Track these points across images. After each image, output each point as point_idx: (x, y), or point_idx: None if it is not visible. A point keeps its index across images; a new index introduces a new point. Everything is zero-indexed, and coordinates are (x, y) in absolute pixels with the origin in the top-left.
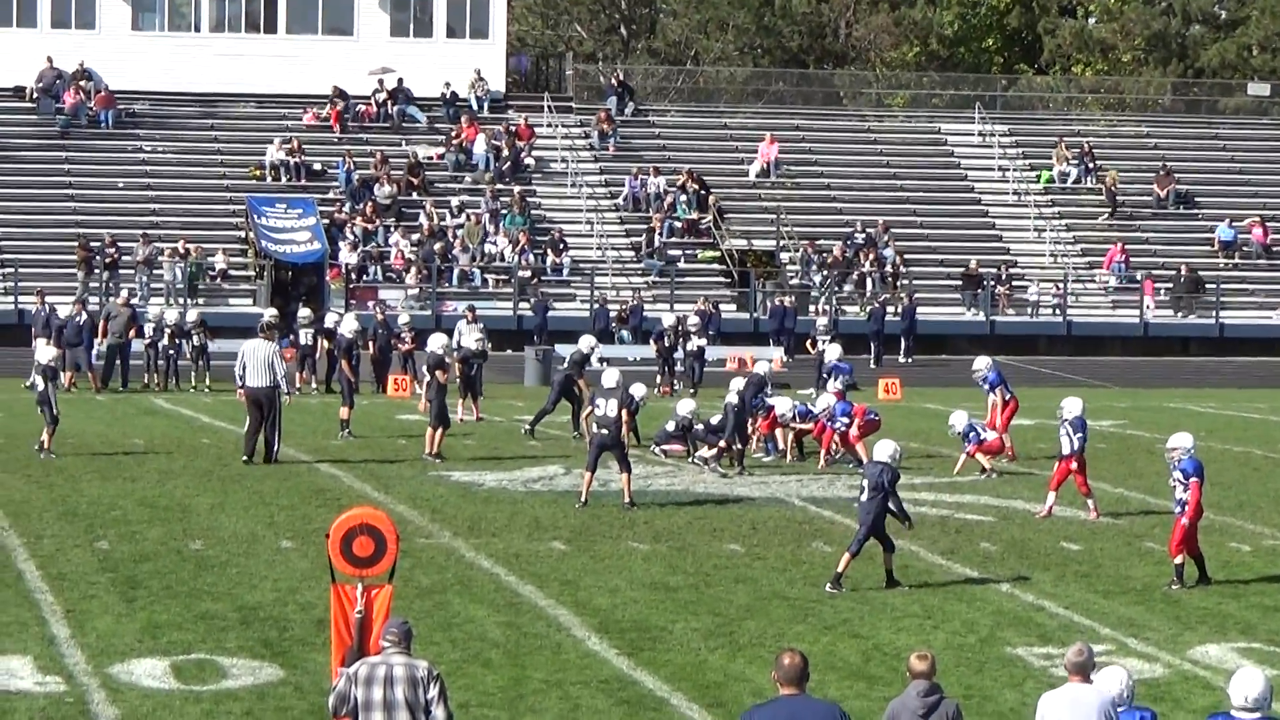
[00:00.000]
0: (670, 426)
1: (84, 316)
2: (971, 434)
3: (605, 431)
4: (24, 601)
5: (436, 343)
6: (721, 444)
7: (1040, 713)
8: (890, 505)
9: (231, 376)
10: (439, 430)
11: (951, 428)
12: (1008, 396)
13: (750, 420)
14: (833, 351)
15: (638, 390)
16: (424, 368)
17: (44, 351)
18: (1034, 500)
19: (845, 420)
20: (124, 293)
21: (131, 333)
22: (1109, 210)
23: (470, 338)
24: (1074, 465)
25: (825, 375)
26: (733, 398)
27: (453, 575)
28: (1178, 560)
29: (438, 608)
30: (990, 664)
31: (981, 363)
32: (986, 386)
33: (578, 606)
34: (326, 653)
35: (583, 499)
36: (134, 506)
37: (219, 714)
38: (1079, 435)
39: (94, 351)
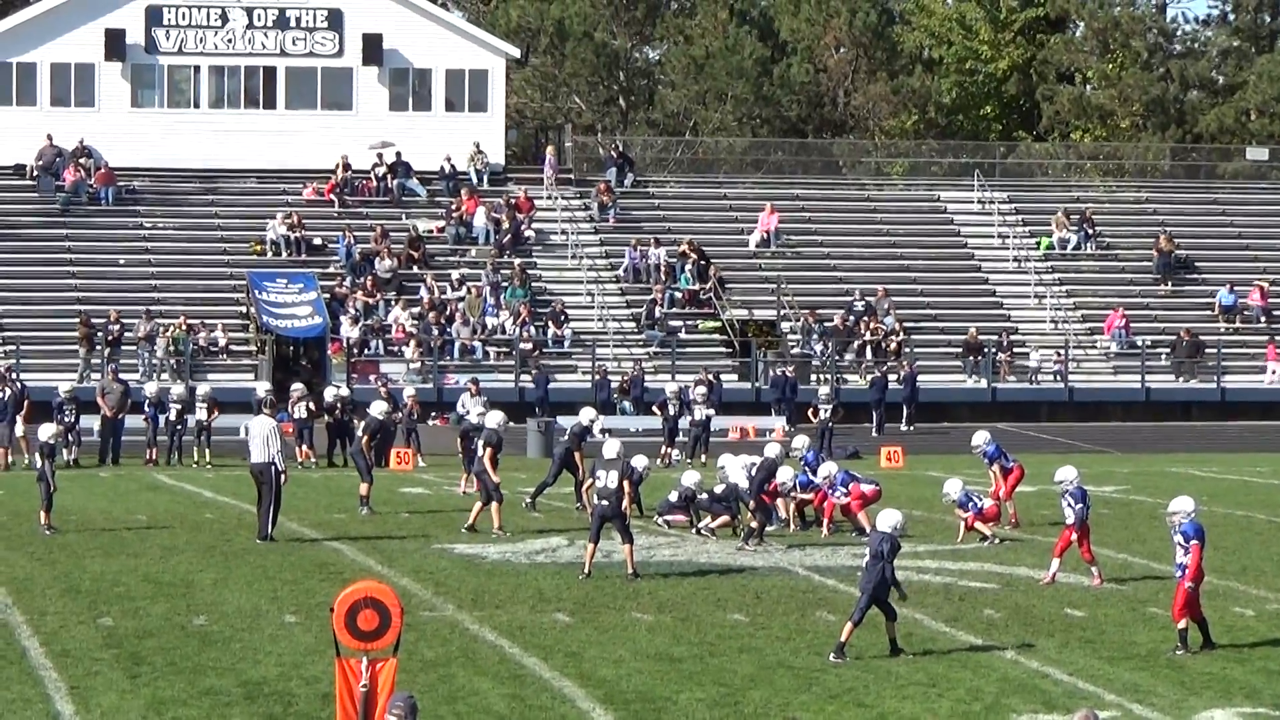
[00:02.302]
0: (673, 497)
1: (8, 393)
2: (968, 503)
3: (606, 502)
4: (28, 678)
5: (493, 420)
6: (725, 518)
7: None
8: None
9: (231, 451)
10: (495, 504)
11: (946, 495)
12: (1009, 466)
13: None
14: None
15: (640, 461)
16: (479, 444)
17: (43, 429)
18: (1037, 567)
19: (843, 491)
20: (110, 368)
21: (124, 410)
22: (1162, 276)
23: (475, 411)
24: (1073, 535)
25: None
26: (737, 479)
27: (457, 648)
28: (1181, 625)
29: (442, 681)
30: None
31: (980, 437)
32: (987, 460)
33: (582, 678)
34: None
35: (586, 570)
36: (137, 582)
37: None
38: (1080, 505)
39: (16, 428)
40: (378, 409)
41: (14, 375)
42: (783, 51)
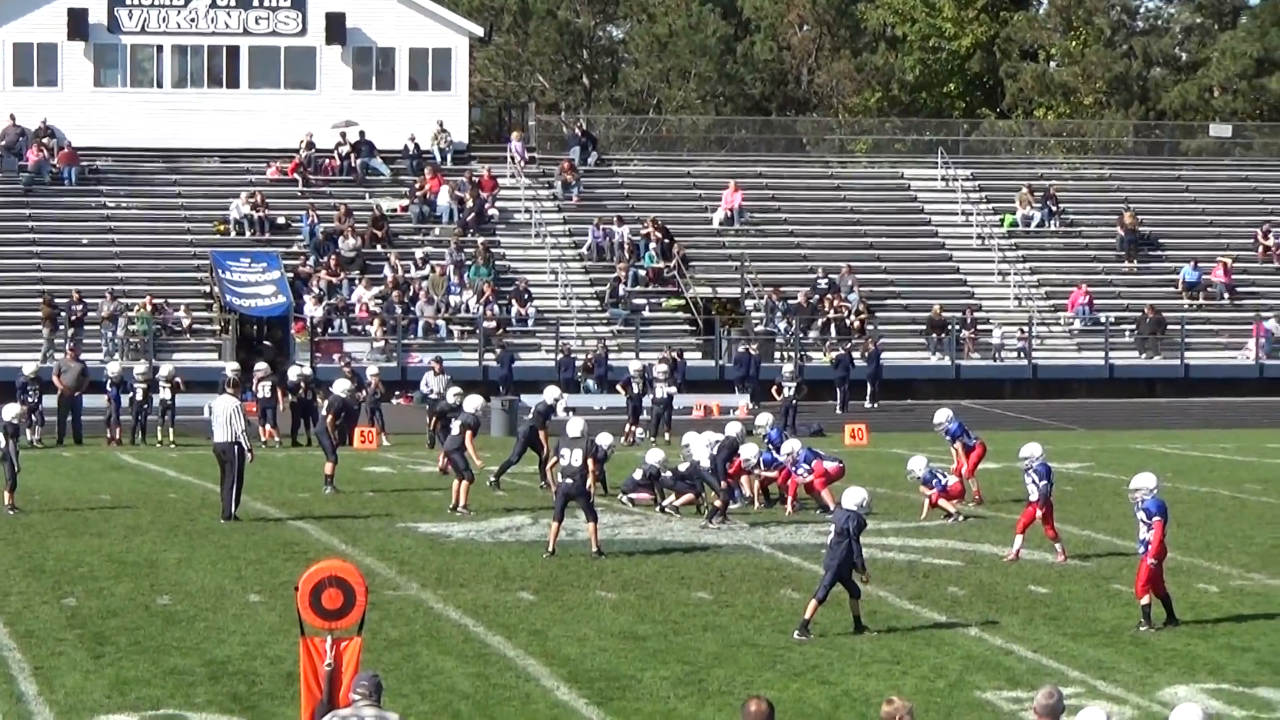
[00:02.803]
0: (638, 475)
1: None
2: (933, 480)
3: (570, 481)
4: None
5: (472, 405)
6: (690, 496)
7: None
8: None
9: (195, 431)
10: (465, 484)
11: (910, 472)
12: (971, 444)
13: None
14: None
15: (604, 440)
16: (456, 424)
17: (6, 409)
18: (1001, 544)
19: (807, 468)
20: (68, 346)
21: (81, 389)
22: (1126, 253)
23: (450, 392)
24: (1037, 512)
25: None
26: (700, 457)
27: (421, 627)
28: (1144, 601)
29: (406, 659)
30: (959, 709)
31: (942, 415)
32: (949, 438)
33: (546, 656)
34: (296, 706)
35: (550, 549)
36: (101, 562)
37: None
38: (1044, 481)
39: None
40: (341, 387)
41: None
42: (746, 29)
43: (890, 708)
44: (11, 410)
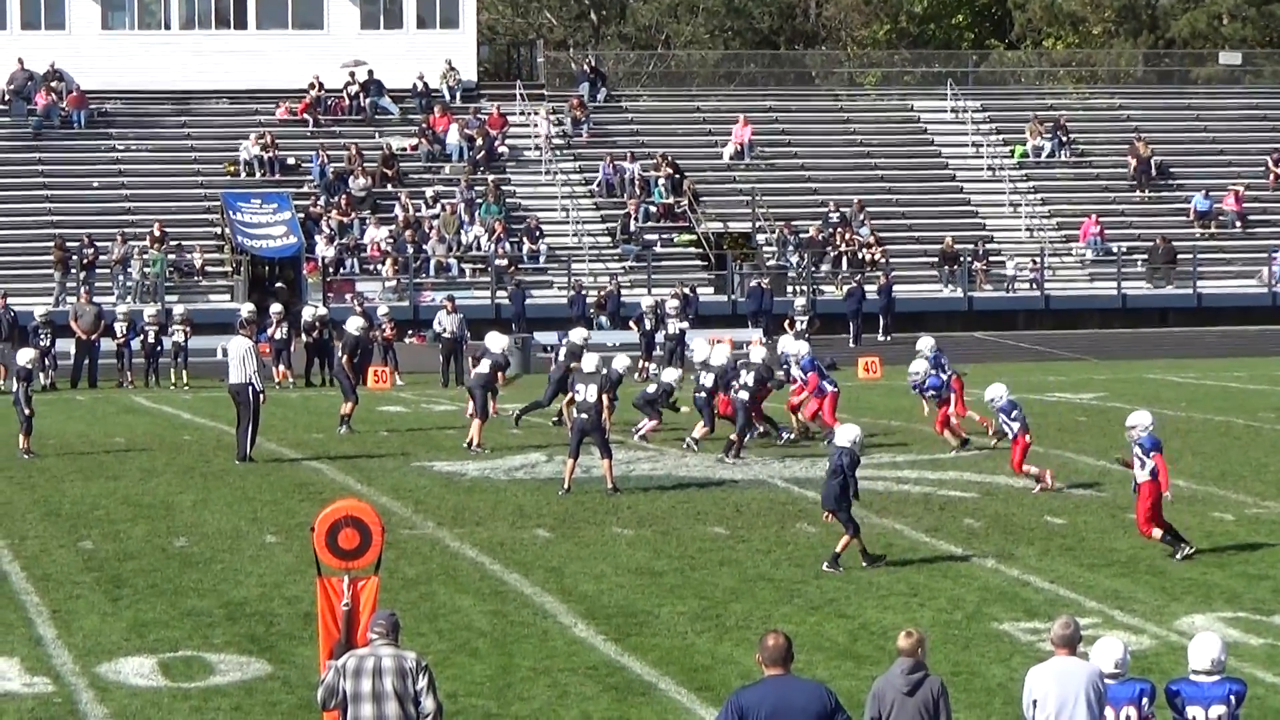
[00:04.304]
0: (651, 389)
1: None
2: (930, 381)
3: (585, 416)
4: (10, 603)
5: (498, 344)
6: (705, 430)
7: (1028, 686)
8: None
9: (208, 372)
10: (480, 421)
11: (912, 375)
12: (950, 375)
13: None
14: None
15: (620, 362)
16: (486, 362)
17: (21, 354)
18: (1016, 475)
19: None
20: (83, 291)
21: (98, 332)
22: (1138, 182)
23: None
24: (1027, 437)
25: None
26: (718, 358)
27: (437, 565)
28: (1156, 534)
29: (423, 598)
30: (977, 640)
31: (923, 345)
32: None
33: (563, 593)
34: (313, 646)
35: (566, 486)
36: (117, 505)
37: (207, 710)
38: (1015, 412)
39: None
40: (354, 325)
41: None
42: None
43: (909, 641)
44: (26, 355)
